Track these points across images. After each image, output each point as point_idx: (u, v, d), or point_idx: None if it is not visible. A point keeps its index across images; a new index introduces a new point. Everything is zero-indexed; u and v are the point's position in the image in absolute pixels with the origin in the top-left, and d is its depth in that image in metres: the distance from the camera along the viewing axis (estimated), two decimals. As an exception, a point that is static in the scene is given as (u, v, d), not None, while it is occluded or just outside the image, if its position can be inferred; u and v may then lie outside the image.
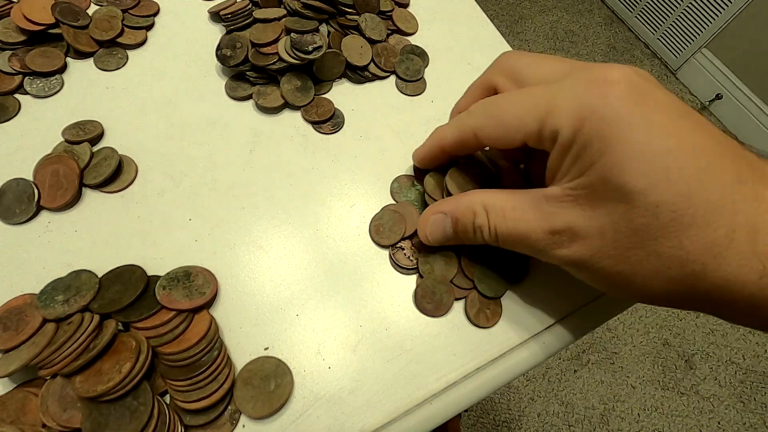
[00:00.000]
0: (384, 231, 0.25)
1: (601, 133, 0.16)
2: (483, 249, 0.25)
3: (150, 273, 0.22)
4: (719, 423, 0.97)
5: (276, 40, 0.28)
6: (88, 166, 0.25)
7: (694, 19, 1.35)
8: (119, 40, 0.30)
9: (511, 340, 0.23)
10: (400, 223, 0.25)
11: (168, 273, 0.22)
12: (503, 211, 0.20)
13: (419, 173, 0.27)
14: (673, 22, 1.41)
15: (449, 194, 0.24)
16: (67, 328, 0.19)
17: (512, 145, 0.20)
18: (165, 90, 0.29)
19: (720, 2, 1.26)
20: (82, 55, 0.30)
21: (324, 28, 0.31)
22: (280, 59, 0.28)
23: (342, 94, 0.30)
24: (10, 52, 0.28)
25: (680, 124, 0.16)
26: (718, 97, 1.33)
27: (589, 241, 0.18)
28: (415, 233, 0.25)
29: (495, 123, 0.20)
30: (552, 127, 0.18)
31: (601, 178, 0.16)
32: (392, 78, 0.32)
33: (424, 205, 0.25)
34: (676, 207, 0.15)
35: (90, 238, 0.24)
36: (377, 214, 0.26)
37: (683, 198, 0.15)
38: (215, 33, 0.32)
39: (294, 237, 0.25)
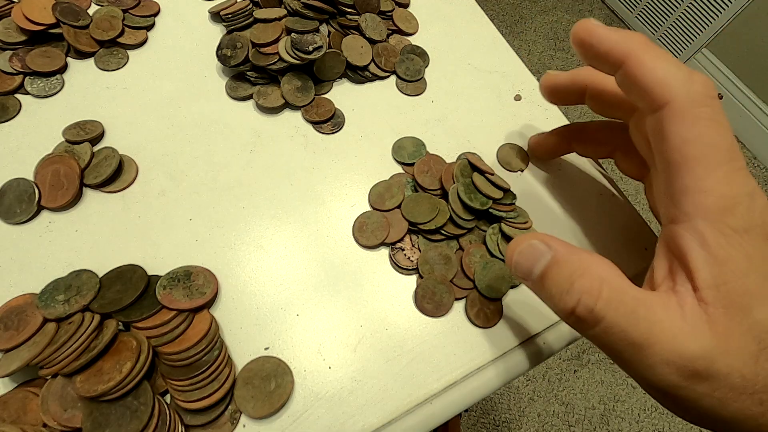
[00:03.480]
0: (366, 231, 0.25)
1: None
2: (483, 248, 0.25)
3: (150, 273, 0.22)
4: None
5: (276, 40, 0.28)
6: (89, 166, 0.25)
7: (694, 19, 1.35)
8: (120, 40, 0.30)
9: (511, 340, 0.23)
10: (383, 228, 0.25)
11: (168, 273, 0.22)
12: (625, 296, 0.16)
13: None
14: (673, 22, 1.41)
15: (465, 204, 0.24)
16: (68, 327, 0.19)
17: (639, 99, 0.17)
18: (165, 90, 0.29)
19: (720, 2, 1.26)
20: (82, 55, 0.30)
21: (324, 28, 0.31)
22: (281, 59, 0.28)
23: (342, 94, 0.30)
24: (11, 52, 0.28)
25: None
26: (719, 97, 1.33)
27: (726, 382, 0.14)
28: (395, 242, 0.25)
29: (650, 59, 0.17)
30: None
31: (741, 307, 0.14)
32: (392, 78, 0.32)
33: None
34: None
35: (90, 237, 0.24)
36: (365, 212, 0.26)
37: None
38: (216, 33, 0.32)
39: (294, 237, 0.25)
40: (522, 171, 0.28)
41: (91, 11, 0.31)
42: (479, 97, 0.31)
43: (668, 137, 0.16)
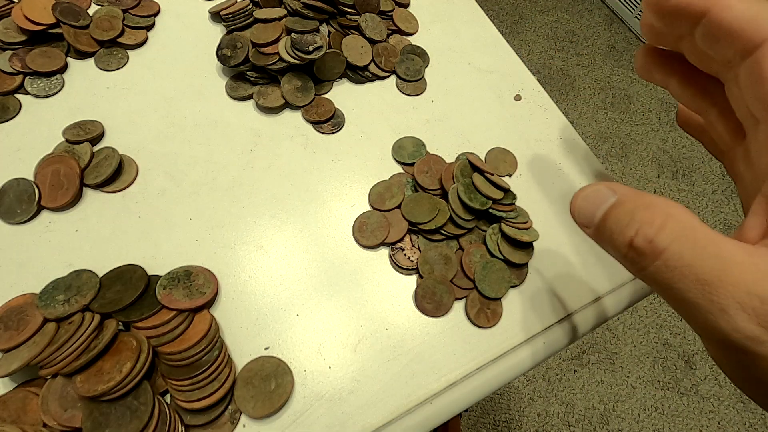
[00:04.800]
0: (366, 231, 0.25)
1: None
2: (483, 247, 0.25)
3: (150, 273, 0.22)
4: (719, 423, 0.97)
5: (276, 40, 0.28)
6: (89, 166, 0.25)
7: (695, 19, 1.35)
8: (120, 40, 0.30)
9: (511, 340, 0.23)
10: (383, 228, 0.25)
11: (168, 273, 0.22)
12: (694, 231, 0.13)
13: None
14: (674, 22, 1.41)
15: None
16: (68, 327, 0.19)
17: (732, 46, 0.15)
18: (165, 90, 0.29)
19: (720, 2, 1.26)
20: (82, 55, 0.30)
21: (324, 28, 0.31)
22: (281, 59, 0.28)
23: (342, 94, 0.30)
24: (11, 51, 0.28)
25: None
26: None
27: None
28: (395, 242, 0.25)
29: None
30: None
31: None
32: (392, 78, 0.32)
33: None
34: None
35: (91, 237, 0.24)
36: (365, 212, 0.26)
37: None
38: (216, 33, 0.32)
39: (294, 237, 0.25)
40: (510, 175, 0.28)
41: (91, 11, 0.31)
42: (479, 97, 0.31)
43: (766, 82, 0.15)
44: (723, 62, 0.17)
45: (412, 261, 0.24)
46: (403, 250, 0.25)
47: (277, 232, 0.25)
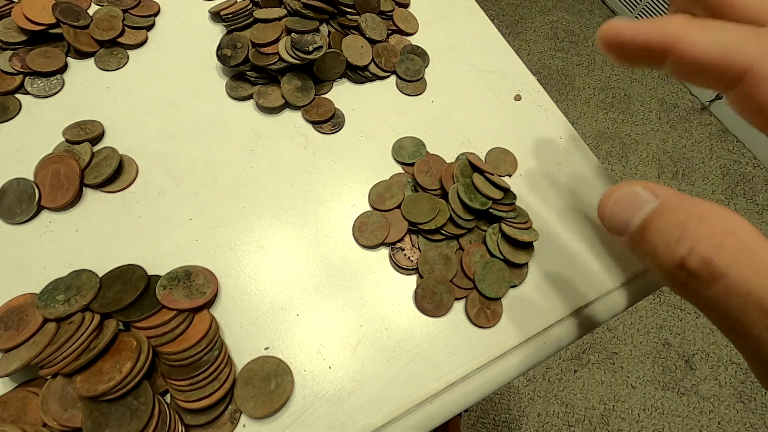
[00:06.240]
0: (366, 231, 0.25)
1: None
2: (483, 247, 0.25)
3: (150, 273, 0.22)
4: (719, 423, 0.97)
5: (276, 40, 0.28)
6: (89, 166, 0.25)
7: (695, 19, 1.35)
8: (120, 40, 0.30)
9: (511, 340, 0.23)
10: (383, 228, 0.25)
11: (168, 273, 0.22)
12: (757, 251, 0.11)
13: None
14: (674, 22, 1.41)
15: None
16: (68, 327, 0.19)
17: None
18: (166, 90, 0.29)
19: (720, 2, 1.26)
20: (82, 55, 0.30)
21: (324, 28, 0.31)
22: (281, 59, 0.28)
23: (342, 94, 0.30)
24: (11, 52, 0.28)
25: None
26: (718, 97, 1.33)
27: None
28: (395, 242, 0.25)
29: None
30: None
31: None
32: (392, 78, 0.32)
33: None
34: None
35: (91, 237, 0.24)
36: (365, 212, 0.26)
37: None
38: (216, 33, 0.32)
39: (294, 237, 0.25)
40: (510, 175, 0.28)
41: (91, 11, 0.31)
42: (479, 97, 0.31)
43: (764, 104, 0.13)
44: (707, 87, 0.16)
45: (412, 261, 0.24)
46: (403, 250, 0.25)
47: (277, 232, 0.25)
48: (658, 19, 0.15)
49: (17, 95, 0.28)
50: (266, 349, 0.22)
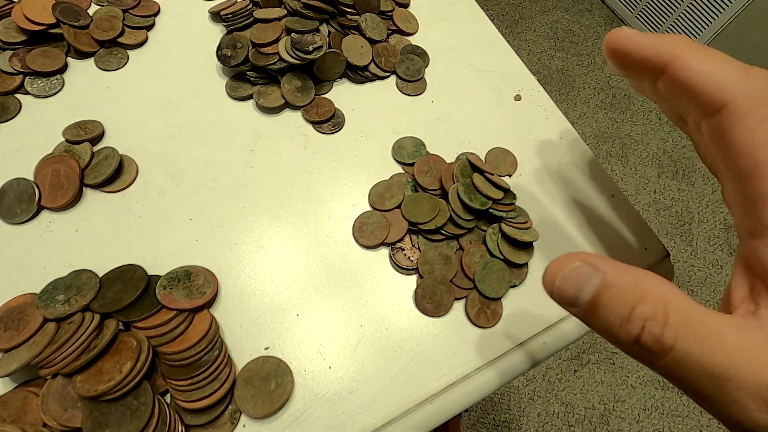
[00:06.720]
0: (366, 231, 0.25)
1: None
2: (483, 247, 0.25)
3: (150, 273, 0.22)
4: (719, 423, 0.97)
5: (276, 40, 0.28)
6: (89, 166, 0.25)
7: (694, 19, 1.35)
8: (120, 40, 0.30)
9: (511, 340, 0.23)
10: (383, 228, 0.25)
11: (168, 273, 0.22)
12: (694, 321, 0.13)
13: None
14: (674, 22, 1.41)
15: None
16: (68, 327, 0.19)
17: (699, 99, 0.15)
18: (166, 90, 0.29)
19: (720, 3, 1.26)
20: (82, 54, 0.30)
21: (324, 28, 0.31)
22: (281, 59, 0.28)
23: (342, 94, 0.30)
24: (11, 51, 0.28)
25: None
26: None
27: None
28: (395, 242, 0.25)
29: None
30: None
31: None
32: (392, 78, 0.32)
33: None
34: None
35: (91, 237, 0.24)
36: (365, 212, 0.26)
37: None
38: (216, 33, 0.32)
39: (294, 237, 0.25)
40: (510, 175, 0.28)
41: (91, 11, 0.31)
42: (479, 97, 0.31)
43: (733, 142, 0.15)
44: (686, 112, 0.17)
45: (412, 261, 0.24)
46: (403, 250, 0.25)
47: (277, 232, 0.25)
48: (662, 35, 0.17)
49: (17, 95, 0.28)
50: (266, 349, 0.22)
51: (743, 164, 0.14)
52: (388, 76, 0.31)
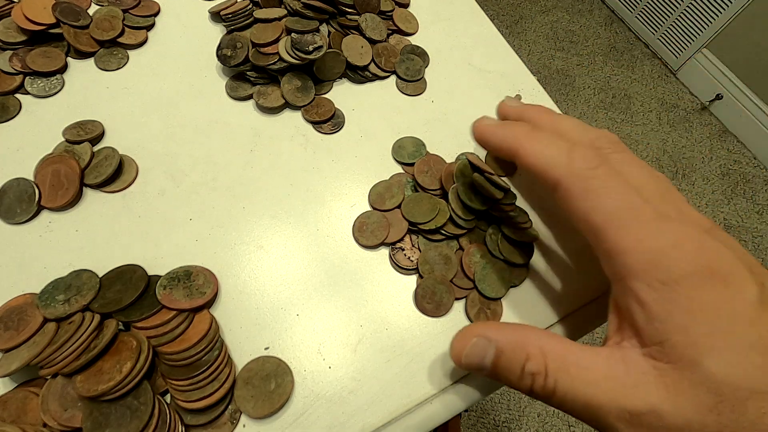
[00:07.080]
0: (366, 231, 0.25)
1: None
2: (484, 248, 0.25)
3: (150, 273, 0.22)
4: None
5: (276, 40, 0.28)
6: (89, 166, 0.25)
7: (695, 19, 1.35)
8: (120, 40, 0.30)
9: (511, 339, 0.23)
10: (383, 228, 0.25)
11: (168, 273, 0.22)
12: (567, 365, 0.16)
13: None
14: (674, 22, 1.41)
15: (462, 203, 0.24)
16: (68, 327, 0.19)
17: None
18: (166, 90, 0.29)
19: (720, 2, 1.26)
20: (82, 54, 0.30)
21: (324, 28, 0.31)
22: (281, 59, 0.28)
23: (342, 94, 0.30)
24: (11, 51, 0.28)
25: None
26: (719, 97, 1.33)
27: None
28: (395, 242, 0.25)
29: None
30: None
31: (689, 361, 0.14)
32: (392, 78, 0.32)
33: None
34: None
35: (91, 237, 0.24)
36: (365, 212, 0.26)
37: None
38: (216, 33, 0.32)
39: (294, 237, 0.25)
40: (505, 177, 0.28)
41: (91, 11, 0.31)
42: (479, 97, 0.31)
43: (572, 212, 0.18)
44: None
45: (412, 261, 0.24)
46: (403, 250, 0.25)
47: (277, 232, 0.25)
48: (509, 125, 0.21)
49: (17, 95, 0.28)
50: (266, 349, 0.22)
51: (586, 227, 0.17)
52: (388, 76, 0.31)
